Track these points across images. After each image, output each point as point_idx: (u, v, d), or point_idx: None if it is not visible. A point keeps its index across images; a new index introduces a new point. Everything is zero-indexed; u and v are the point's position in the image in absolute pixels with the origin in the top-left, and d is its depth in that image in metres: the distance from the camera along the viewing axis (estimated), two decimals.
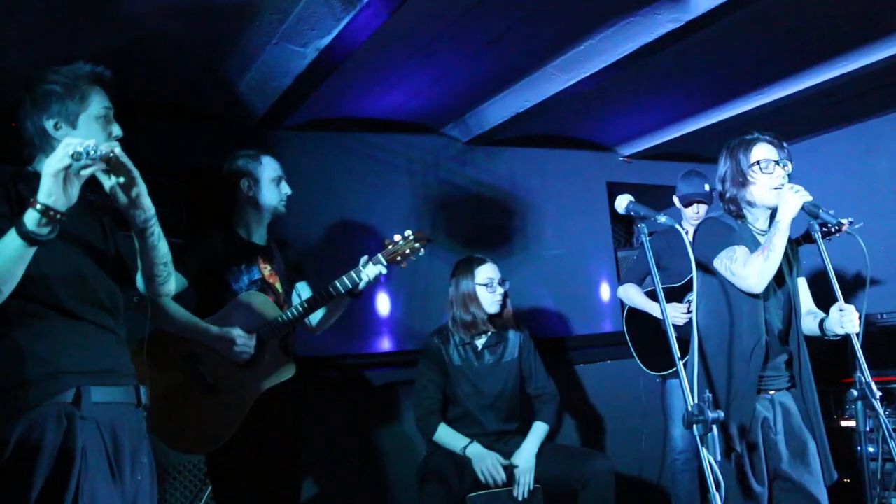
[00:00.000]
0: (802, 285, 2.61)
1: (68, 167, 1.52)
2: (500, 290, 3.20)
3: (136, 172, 1.67)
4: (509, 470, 3.02)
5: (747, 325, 2.42)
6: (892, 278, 4.00)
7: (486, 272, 3.21)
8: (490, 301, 3.18)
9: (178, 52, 2.87)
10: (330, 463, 3.52)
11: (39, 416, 1.61)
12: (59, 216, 1.53)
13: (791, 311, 2.51)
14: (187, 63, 2.99)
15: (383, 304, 3.86)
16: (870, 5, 2.86)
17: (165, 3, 2.51)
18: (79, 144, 1.51)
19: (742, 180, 2.46)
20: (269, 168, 2.79)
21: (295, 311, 2.63)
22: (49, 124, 1.76)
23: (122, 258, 1.91)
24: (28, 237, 1.52)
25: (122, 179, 1.65)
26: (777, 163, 2.44)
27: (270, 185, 2.78)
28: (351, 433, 3.60)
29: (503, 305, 3.24)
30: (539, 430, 3.16)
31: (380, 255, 2.71)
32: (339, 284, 2.66)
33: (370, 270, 2.68)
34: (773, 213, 2.47)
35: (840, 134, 4.35)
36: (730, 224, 2.50)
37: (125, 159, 1.64)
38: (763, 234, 2.50)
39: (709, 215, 2.64)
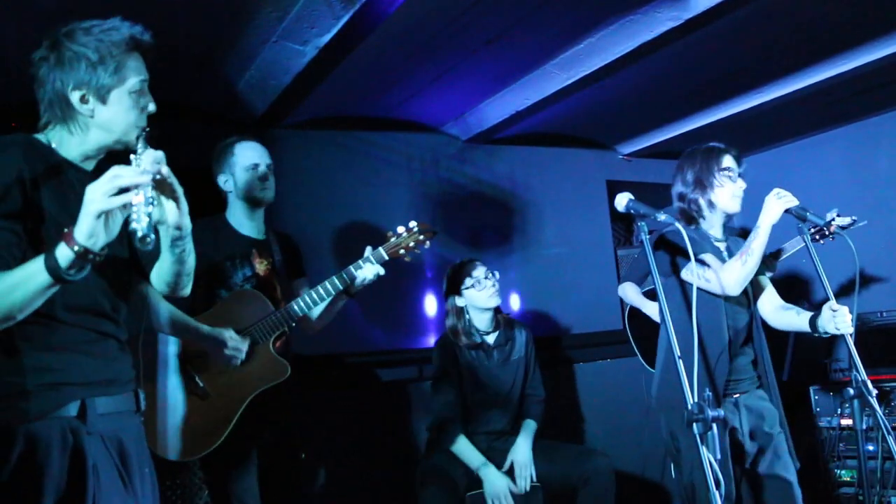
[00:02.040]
0: (766, 283, 2.67)
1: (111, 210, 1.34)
2: (490, 283, 3.18)
3: (180, 192, 1.52)
4: (509, 469, 3.02)
5: (711, 332, 2.48)
6: (891, 277, 3.99)
7: (476, 273, 3.19)
8: (485, 297, 3.17)
9: (177, 51, 2.86)
10: (330, 463, 3.51)
11: (42, 432, 1.46)
12: (96, 258, 1.36)
13: (751, 311, 2.58)
14: (186, 62, 2.98)
15: (382, 302, 3.84)
16: (869, 5, 2.86)
17: (165, 2, 2.50)
18: (134, 194, 1.34)
19: (707, 184, 2.55)
20: (241, 156, 2.66)
21: (291, 310, 2.53)
22: (75, 96, 1.54)
23: (138, 259, 1.77)
24: (57, 275, 1.35)
25: (164, 198, 1.49)
26: (740, 175, 2.57)
27: (244, 173, 2.65)
28: (350, 432, 3.59)
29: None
30: (531, 427, 3.18)
31: (381, 249, 2.59)
32: (337, 281, 2.56)
33: (367, 271, 2.56)
34: (727, 220, 2.61)
35: (839, 132, 4.34)
36: (691, 235, 2.49)
37: (172, 178, 1.48)
38: (719, 241, 2.60)
39: (664, 230, 2.59)
